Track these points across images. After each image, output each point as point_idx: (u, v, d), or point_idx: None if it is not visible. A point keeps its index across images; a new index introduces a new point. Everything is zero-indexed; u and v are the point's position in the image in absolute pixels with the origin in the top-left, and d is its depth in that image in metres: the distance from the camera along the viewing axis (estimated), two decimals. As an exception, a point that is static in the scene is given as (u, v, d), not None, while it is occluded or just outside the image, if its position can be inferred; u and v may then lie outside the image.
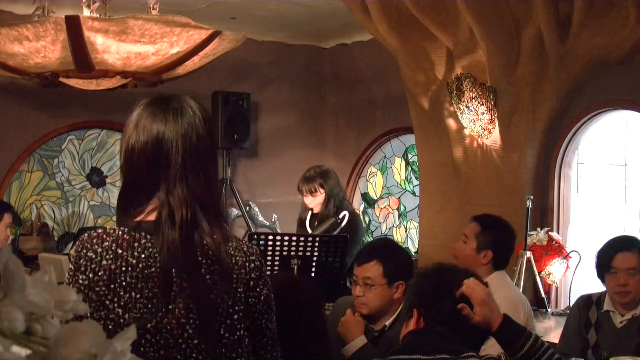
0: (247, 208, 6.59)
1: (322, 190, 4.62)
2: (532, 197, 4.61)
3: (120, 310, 1.53)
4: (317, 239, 4.06)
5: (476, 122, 4.91)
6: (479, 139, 5.00)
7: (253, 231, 6.11)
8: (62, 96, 5.67)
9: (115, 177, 6.36)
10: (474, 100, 4.86)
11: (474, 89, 4.85)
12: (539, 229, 4.81)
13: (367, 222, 6.95)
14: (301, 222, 4.75)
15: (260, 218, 6.71)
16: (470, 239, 3.27)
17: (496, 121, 4.86)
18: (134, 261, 1.55)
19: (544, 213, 4.96)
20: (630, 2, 4.19)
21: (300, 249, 3.98)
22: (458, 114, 5.02)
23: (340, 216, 4.53)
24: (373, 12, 5.01)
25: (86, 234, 1.60)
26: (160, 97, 1.77)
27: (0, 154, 5.76)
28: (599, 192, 5.11)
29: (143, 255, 1.56)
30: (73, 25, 4.04)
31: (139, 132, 1.65)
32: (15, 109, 5.81)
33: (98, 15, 4.31)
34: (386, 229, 6.81)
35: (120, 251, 1.56)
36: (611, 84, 4.66)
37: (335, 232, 4.44)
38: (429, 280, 2.08)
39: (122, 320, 1.53)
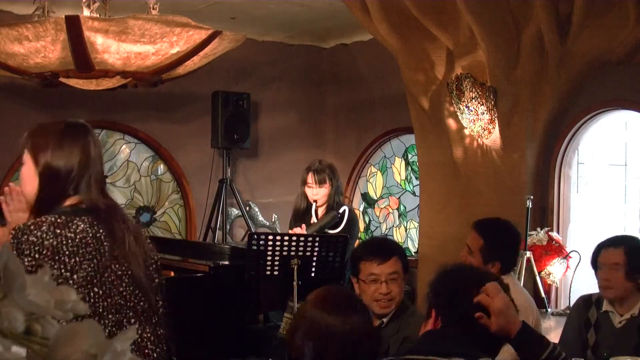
0: (247, 208, 6.59)
1: (329, 183, 4.61)
2: (532, 197, 4.61)
3: (68, 273, 1.90)
4: (317, 238, 4.06)
5: (476, 122, 4.91)
6: (479, 139, 5.00)
7: (253, 231, 6.11)
8: (62, 96, 5.67)
9: (115, 177, 6.36)
10: (474, 100, 4.86)
11: (474, 89, 4.85)
12: (539, 229, 4.81)
13: (367, 222, 6.95)
14: (298, 213, 4.73)
15: (260, 218, 6.71)
16: (475, 252, 3.26)
17: (496, 121, 4.86)
18: (72, 235, 1.94)
19: (544, 213, 4.97)
20: (630, 2, 4.19)
21: (300, 249, 3.98)
22: (458, 114, 5.02)
23: (341, 211, 4.53)
24: (373, 12, 5.01)
25: (21, 225, 1.94)
26: (72, 125, 2.13)
27: (0, 154, 5.76)
28: (599, 192, 5.11)
29: (78, 230, 1.95)
30: (73, 25, 4.04)
31: (58, 157, 2.05)
32: (15, 109, 5.81)
33: (98, 15, 4.31)
34: (386, 229, 6.81)
35: (58, 231, 1.93)
36: (611, 84, 4.66)
37: (336, 227, 4.45)
38: (448, 281, 2.03)
39: (71, 281, 1.89)
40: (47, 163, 2.03)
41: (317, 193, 4.59)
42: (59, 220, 1.95)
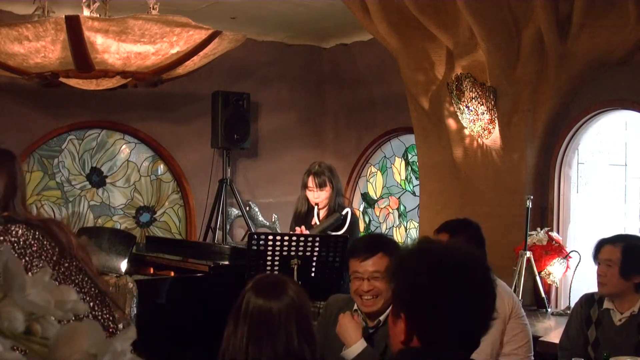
0: (247, 208, 6.59)
1: (330, 185, 4.61)
2: (532, 197, 4.61)
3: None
4: (317, 239, 4.06)
5: (476, 122, 4.91)
6: (479, 139, 5.00)
7: (253, 231, 6.11)
8: (62, 96, 5.67)
9: (115, 177, 6.36)
10: (474, 100, 4.86)
11: (474, 89, 4.85)
12: (539, 229, 4.81)
13: (367, 222, 6.95)
14: (300, 216, 4.73)
15: (260, 218, 6.71)
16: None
17: (496, 121, 4.86)
18: (15, 239, 2.16)
19: (544, 213, 4.97)
20: (630, 2, 4.19)
21: (300, 249, 3.98)
22: (458, 114, 5.02)
23: (344, 213, 4.53)
24: (373, 12, 5.01)
25: None
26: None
27: None
28: (599, 192, 5.11)
29: (19, 234, 2.17)
30: (73, 25, 4.04)
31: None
32: (15, 109, 5.81)
33: (98, 15, 4.31)
34: (386, 229, 6.81)
35: (1, 238, 2.15)
36: (611, 84, 4.66)
37: (339, 229, 4.45)
38: (419, 279, 1.61)
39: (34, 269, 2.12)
40: None
41: (319, 196, 4.59)
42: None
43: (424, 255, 1.63)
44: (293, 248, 3.97)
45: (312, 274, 4.03)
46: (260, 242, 4.01)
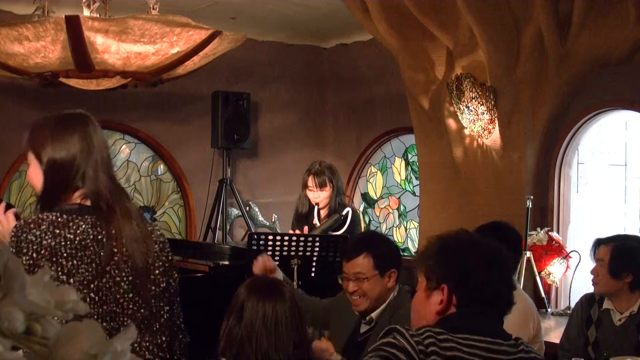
0: (247, 208, 6.59)
1: (330, 185, 4.60)
2: (532, 197, 4.61)
3: (65, 277, 1.85)
4: (317, 238, 4.06)
5: (476, 122, 4.91)
6: (479, 139, 5.00)
7: (253, 231, 6.11)
8: (62, 96, 5.67)
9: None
10: (474, 100, 4.86)
11: (474, 89, 4.85)
12: (539, 229, 4.81)
13: (367, 222, 6.95)
14: (300, 217, 4.72)
15: (260, 218, 6.71)
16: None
17: (496, 121, 4.86)
18: (71, 236, 1.89)
19: (544, 213, 4.97)
20: (630, 2, 4.19)
21: (300, 249, 3.98)
22: (458, 114, 5.02)
23: (344, 213, 4.52)
24: (373, 12, 5.01)
25: (22, 221, 1.91)
26: (68, 116, 2.09)
27: (0, 154, 5.76)
28: (599, 192, 5.11)
29: (78, 231, 1.90)
30: (73, 25, 4.05)
31: (59, 148, 1.99)
32: (15, 109, 5.81)
33: (98, 15, 4.31)
34: (386, 229, 6.81)
35: (57, 231, 1.88)
36: (611, 84, 4.66)
37: (339, 229, 4.45)
38: (459, 255, 1.90)
39: (67, 285, 1.80)
40: (49, 158, 1.97)
41: (319, 196, 4.58)
42: (59, 219, 1.90)
43: (466, 236, 1.98)
44: (293, 248, 3.97)
45: (312, 274, 4.03)
46: (260, 242, 4.01)
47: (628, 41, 4.33)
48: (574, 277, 4.84)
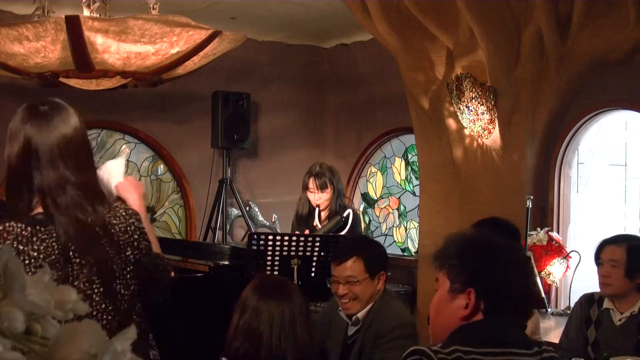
0: (247, 208, 6.59)
1: (331, 187, 4.60)
2: (532, 197, 4.60)
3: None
4: (317, 239, 4.06)
5: (476, 122, 4.91)
6: (479, 139, 5.00)
7: (253, 231, 6.11)
8: (62, 96, 5.62)
9: (115, 177, 6.35)
10: (474, 100, 4.86)
11: (474, 89, 4.85)
12: (539, 229, 4.81)
13: (367, 222, 6.95)
14: (301, 219, 4.72)
15: (260, 218, 6.71)
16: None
17: (496, 121, 4.86)
18: (35, 254, 1.81)
19: (544, 213, 4.97)
20: (630, 2, 4.19)
21: (300, 249, 3.98)
22: (458, 114, 5.02)
23: (345, 214, 4.52)
24: (373, 12, 5.00)
25: None
26: (30, 104, 2.06)
27: (0, 154, 5.76)
28: (599, 192, 5.11)
29: (42, 247, 1.82)
30: (73, 25, 4.04)
31: (12, 141, 1.98)
32: (15, 109, 5.78)
33: (98, 15, 4.31)
34: (386, 229, 6.81)
35: (21, 247, 1.80)
36: (611, 84, 4.66)
37: (340, 230, 4.45)
38: (487, 259, 1.85)
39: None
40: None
41: (320, 198, 4.58)
42: (24, 232, 1.84)
43: (488, 237, 1.95)
44: (293, 248, 3.97)
45: (312, 274, 4.03)
46: (260, 242, 4.01)
47: (628, 41, 4.33)
48: (574, 277, 4.84)
